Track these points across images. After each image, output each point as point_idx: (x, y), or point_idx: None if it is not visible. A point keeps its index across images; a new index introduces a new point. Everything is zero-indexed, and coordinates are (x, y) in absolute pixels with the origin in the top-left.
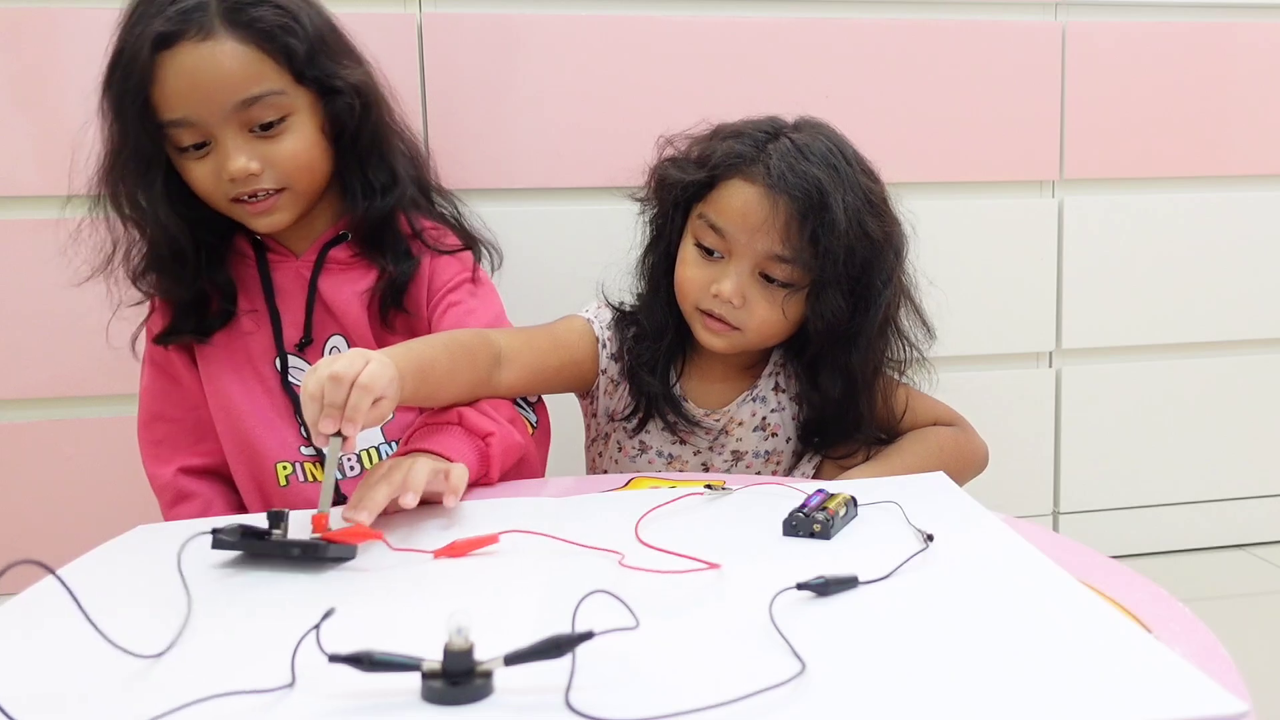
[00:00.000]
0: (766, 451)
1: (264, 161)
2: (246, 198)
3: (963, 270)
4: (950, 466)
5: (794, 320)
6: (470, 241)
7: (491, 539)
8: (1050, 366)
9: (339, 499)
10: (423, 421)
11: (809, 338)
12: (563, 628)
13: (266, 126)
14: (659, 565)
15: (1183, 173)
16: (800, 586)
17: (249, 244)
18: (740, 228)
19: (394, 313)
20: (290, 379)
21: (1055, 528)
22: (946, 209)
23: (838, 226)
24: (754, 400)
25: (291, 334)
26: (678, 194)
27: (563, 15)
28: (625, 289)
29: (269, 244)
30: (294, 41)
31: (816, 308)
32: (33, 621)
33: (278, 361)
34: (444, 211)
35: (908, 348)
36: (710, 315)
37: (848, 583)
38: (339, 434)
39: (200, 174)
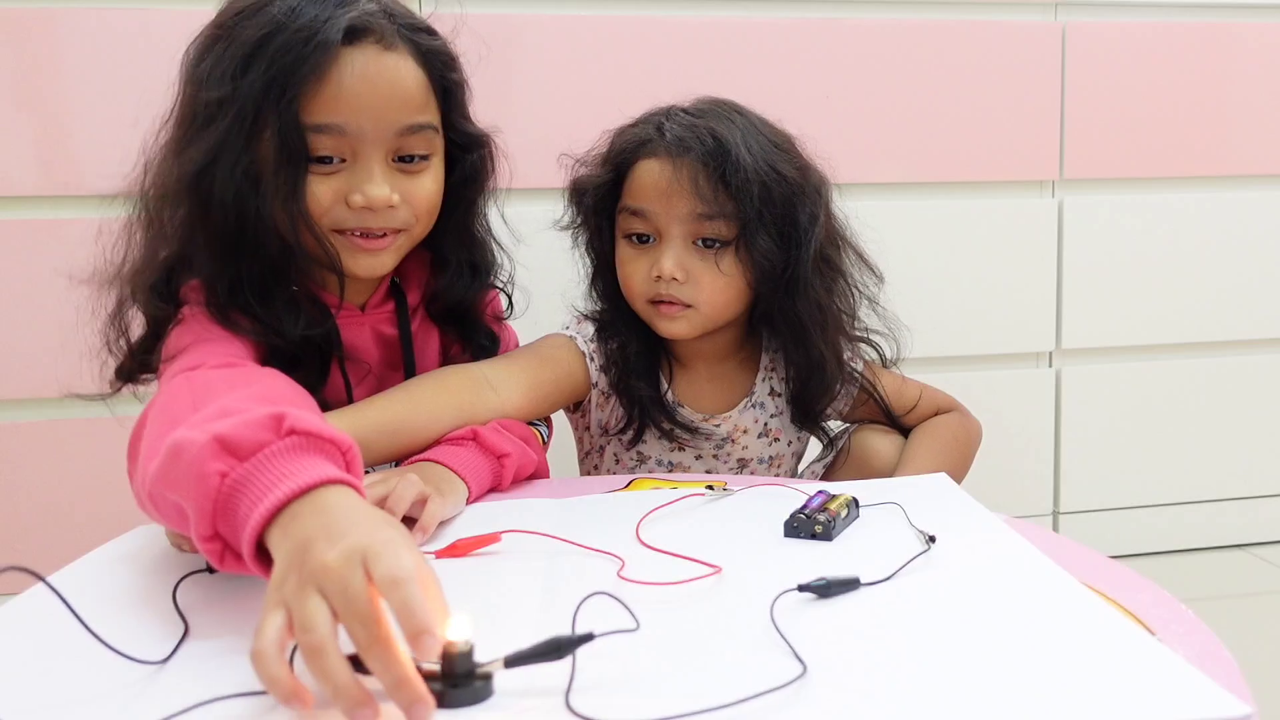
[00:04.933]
0: (770, 457)
1: (402, 196)
2: (359, 232)
3: (963, 270)
4: (966, 454)
5: (738, 281)
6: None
7: (493, 538)
8: (1050, 366)
9: None
10: (438, 441)
11: (768, 311)
12: (563, 630)
13: (409, 160)
14: (660, 566)
15: (1183, 173)
16: (802, 588)
17: (315, 306)
18: (657, 201)
19: None
20: None
21: (1055, 528)
22: (946, 209)
23: (744, 164)
24: (754, 407)
25: (362, 394)
26: (595, 199)
27: (563, 15)
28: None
29: (330, 301)
30: (452, 81)
31: (751, 255)
32: (31, 623)
33: None
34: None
35: (854, 290)
36: (661, 302)
37: (849, 584)
38: None
39: (320, 189)
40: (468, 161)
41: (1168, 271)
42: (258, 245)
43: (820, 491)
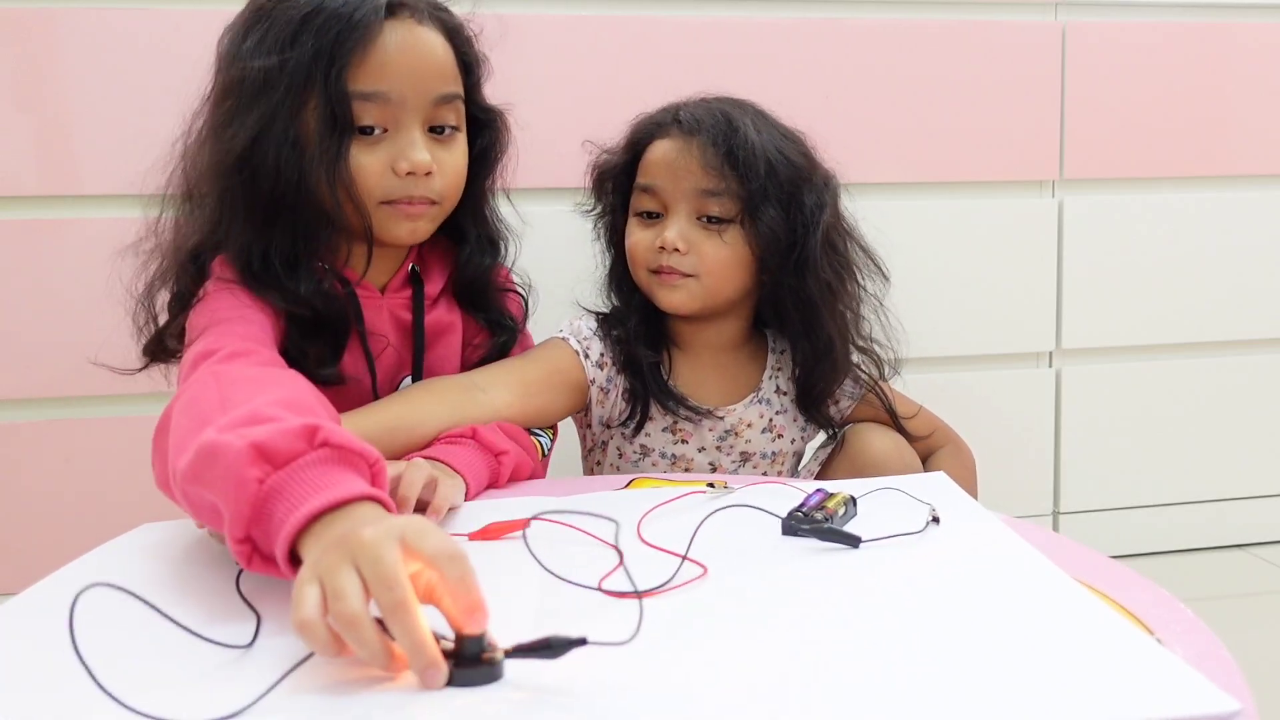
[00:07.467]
0: (773, 453)
1: (437, 165)
2: (406, 201)
3: (963, 270)
4: (975, 489)
5: (741, 252)
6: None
7: (523, 523)
8: (1050, 366)
9: None
10: (438, 439)
11: (777, 307)
12: (560, 626)
13: (440, 131)
14: (658, 563)
15: (1183, 173)
16: (793, 530)
17: (337, 281)
18: (666, 177)
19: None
20: None
21: (1055, 528)
22: (946, 209)
23: (751, 141)
24: (760, 402)
25: (382, 367)
26: (613, 180)
27: (562, 15)
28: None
29: (350, 277)
30: (472, 57)
31: (757, 229)
32: (32, 622)
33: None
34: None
35: (860, 288)
36: (662, 271)
37: (849, 539)
38: None
39: (367, 160)
40: (485, 136)
41: (1168, 271)
42: (294, 215)
43: (818, 490)
